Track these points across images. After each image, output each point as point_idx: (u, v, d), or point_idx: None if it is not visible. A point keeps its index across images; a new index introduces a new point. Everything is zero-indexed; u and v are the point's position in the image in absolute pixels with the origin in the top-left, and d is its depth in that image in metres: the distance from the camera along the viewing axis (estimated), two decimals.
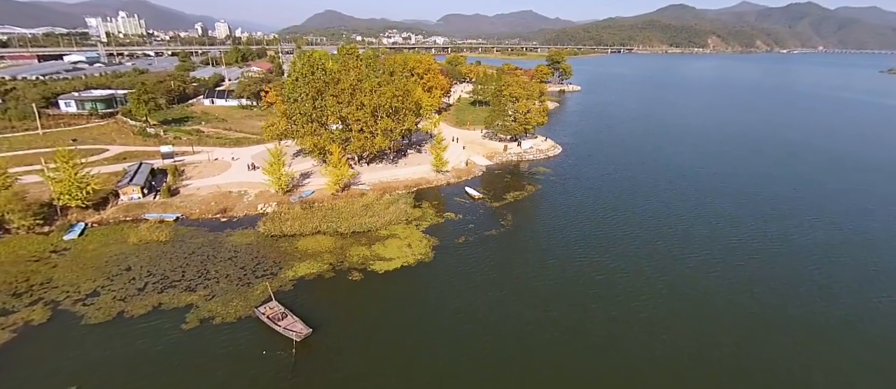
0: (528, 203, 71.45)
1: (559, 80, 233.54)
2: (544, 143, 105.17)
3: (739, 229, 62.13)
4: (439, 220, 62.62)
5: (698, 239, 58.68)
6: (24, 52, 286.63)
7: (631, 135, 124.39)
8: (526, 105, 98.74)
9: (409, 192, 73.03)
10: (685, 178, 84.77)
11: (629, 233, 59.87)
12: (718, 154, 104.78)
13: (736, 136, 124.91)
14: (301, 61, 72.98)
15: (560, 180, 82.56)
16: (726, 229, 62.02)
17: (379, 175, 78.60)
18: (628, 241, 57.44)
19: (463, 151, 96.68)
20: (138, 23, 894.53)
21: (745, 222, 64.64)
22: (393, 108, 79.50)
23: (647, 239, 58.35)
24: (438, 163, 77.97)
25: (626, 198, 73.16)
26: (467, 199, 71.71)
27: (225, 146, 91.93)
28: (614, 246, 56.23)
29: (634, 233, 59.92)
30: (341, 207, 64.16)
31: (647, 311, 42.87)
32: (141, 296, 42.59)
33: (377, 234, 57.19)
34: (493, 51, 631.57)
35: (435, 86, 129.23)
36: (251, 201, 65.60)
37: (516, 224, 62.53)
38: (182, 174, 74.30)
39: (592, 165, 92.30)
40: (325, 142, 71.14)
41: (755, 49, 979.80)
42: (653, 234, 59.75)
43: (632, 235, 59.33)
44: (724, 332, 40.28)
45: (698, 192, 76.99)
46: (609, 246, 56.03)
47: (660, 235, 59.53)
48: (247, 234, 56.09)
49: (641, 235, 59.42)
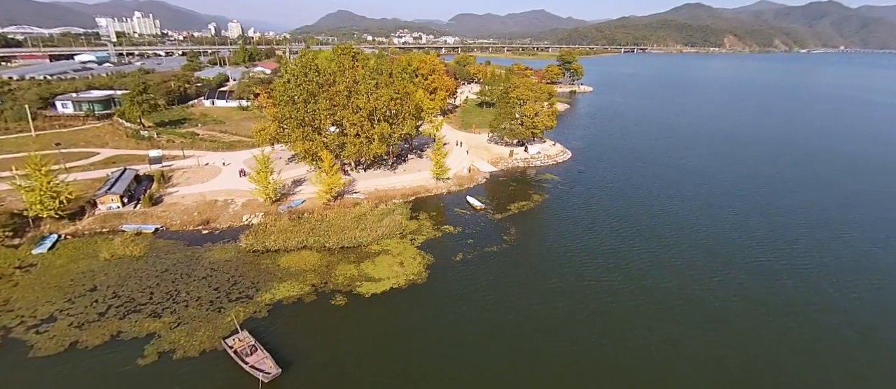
0: (534, 214, 66.42)
1: (570, 81, 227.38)
2: (553, 148, 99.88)
3: (768, 246, 56.39)
4: (436, 234, 57.95)
5: (723, 257, 53.15)
6: (35, 51, 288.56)
7: (644, 138, 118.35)
8: (533, 108, 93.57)
9: (407, 202, 68.54)
10: (703, 188, 78.86)
11: (643, 250, 54.52)
12: (738, 161, 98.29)
13: (756, 141, 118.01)
14: (293, 62, 68.84)
15: (568, 189, 77.33)
16: (752, 246, 56.31)
17: (375, 182, 74.23)
18: (642, 259, 52.13)
19: (466, 156, 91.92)
20: (153, 23, 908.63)
21: (774, 239, 58.80)
22: (391, 112, 75.12)
23: (664, 257, 52.97)
24: (438, 171, 73.33)
25: (640, 210, 67.71)
26: (468, 210, 66.96)
27: (218, 150, 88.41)
28: (626, 264, 51.00)
29: (648, 250, 54.56)
30: (332, 218, 59.86)
31: (663, 352, 37.72)
32: (100, 323, 38.62)
33: (368, 250, 52.71)
34: (504, 50, 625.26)
35: (440, 88, 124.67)
36: (237, 211, 61.63)
37: (520, 238, 57.56)
38: (168, 180, 70.75)
39: (603, 172, 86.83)
40: (317, 148, 66.94)
41: (773, 49, 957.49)
42: (669, 252, 54.33)
43: (646, 253, 53.99)
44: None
45: (718, 204, 71.15)
46: (620, 265, 50.82)
47: (678, 253, 54.11)
48: (227, 249, 52.01)
49: (656, 253, 54.04)
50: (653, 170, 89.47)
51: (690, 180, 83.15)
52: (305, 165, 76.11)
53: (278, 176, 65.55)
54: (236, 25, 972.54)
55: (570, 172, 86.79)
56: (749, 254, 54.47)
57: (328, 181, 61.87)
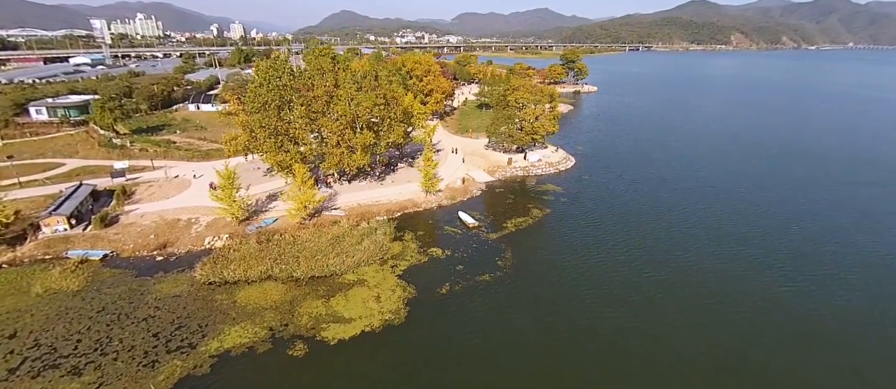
0: (533, 234, 59.48)
1: (574, 81, 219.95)
2: (555, 155, 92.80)
3: (798, 273, 49.24)
4: (422, 259, 51.21)
5: (744, 282, 46.08)
6: (30, 54, 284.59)
7: (653, 142, 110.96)
8: (534, 112, 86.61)
9: (392, 219, 61.81)
10: (718, 198, 71.53)
11: (655, 278, 47.53)
12: (757, 167, 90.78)
13: (772, 143, 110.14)
14: (264, 64, 62.32)
15: (571, 202, 70.32)
16: (779, 271, 49.18)
17: (359, 196, 67.54)
18: (655, 292, 45.13)
19: (462, 165, 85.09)
20: (155, 25, 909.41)
21: (804, 262, 51.63)
22: (376, 118, 68.46)
23: (680, 289, 45.94)
24: (428, 184, 66.53)
25: (652, 228, 60.56)
26: (460, 228, 60.16)
27: (193, 160, 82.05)
28: (635, 296, 44.03)
29: (662, 278, 47.54)
30: (305, 240, 53.26)
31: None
32: (7, 385, 32.17)
33: (342, 281, 46.05)
34: (507, 49, 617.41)
35: (435, 90, 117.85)
36: (200, 232, 55.15)
37: (516, 264, 50.66)
38: (130, 196, 64.40)
39: (610, 182, 79.69)
40: (291, 160, 60.36)
41: (781, 46, 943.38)
42: (687, 281, 47.29)
43: (658, 281, 46.99)
44: None
45: (735, 215, 63.92)
46: (627, 297, 43.88)
47: (697, 282, 47.07)
48: (179, 281, 45.48)
49: (670, 280, 47.03)
50: (664, 178, 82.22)
51: (706, 191, 75.80)
52: (284, 178, 69.61)
53: (248, 191, 59.00)
54: (238, 26, 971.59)
55: (574, 182, 79.73)
56: (783, 287, 47.31)
57: (301, 198, 55.26)
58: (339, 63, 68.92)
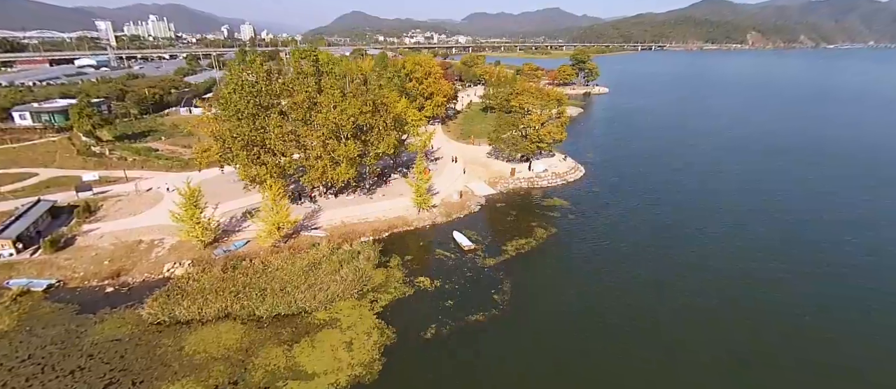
0: (535, 258, 52.67)
1: (584, 82, 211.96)
2: (562, 164, 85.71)
3: (846, 315, 41.88)
4: (407, 291, 44.74)
5: (797, 340, 38.87)
6: (36, 56, 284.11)
7: (669, 149, 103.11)
8: (539, 118, 79.63)
9: (378, 239, 55.49)
10: (746, 215, 63.94)
11: (678, 319, 40.49)
12: (790, 177, 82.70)
13: (798, 150, 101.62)
14: (237, 67, 56.39)
15: (580, 218, 63.35)
16: (839, 325, 41.85)
17: (344, 212, 61.27)
18: (677, 334, 38.11)
19: (461, 176, 78.46)
20: (167, 26, 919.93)
21: (847, 303, 44.22)
22: (362, 127, 62.20)
23: (707, 326, 38.86)
24: (420, 200, 60.01)
25: (674, 252, 53.40)
26: (454, 251, 53.60)
27: (172, 170, 76.48)
28: (653, 345, 37.05)
29: (686, 319, 40.48)
30: (276, 268, 47.15)
31: None
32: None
33: (310, 320, 39.76)
34: (516, 49, 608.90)
35: (436, 93, 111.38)
36: (161, 257, 49.32)
37: (515, 299, 43.93)
38: (94, 213, 58.85)
39: (623, 195, 72.45)
40: (266, 174, 54.34)
41: (799, 44, 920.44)
42: (713, 321, 40.18)
43: (683, 321, 39.94)
44: None
45: (766, 240, 56.40)
46: (643, 343, 36.90)
47: (725, 321, 39.92)
48: (125, 320, 39.52)
49: (696, 321, 39.95)
50: (684, 191, 74.78)
51: (730, 205, 68.17)
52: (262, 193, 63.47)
53: (215, 210, 52.98)
54: (249, 27, 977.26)
55: (583, 196, 72.64)
56: (854, 355, 39.97)
57: (274, 219, 49.11)
58: (324, 65, 62.68)
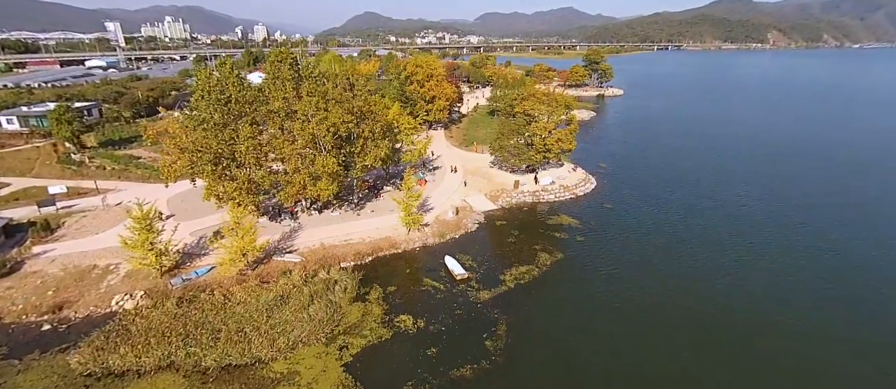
0: (537, 291, 45.94)
1: (597, 83, 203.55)
2: (571, 175, 78.65)
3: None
4: (384, 334, 38.47)
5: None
6: (47, 57, 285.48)
7: (688, 158, 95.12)
8: (546, 125, 72.79)
9: (360, 265, 49.49)
10: (790, 231, 56.25)
11: (710, 373, 33.51)
12: (831, 189, 74.44)
13: (831, 159, 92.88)
14: (204, 73, 50.75)
15: (590, 240, 56.39)
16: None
17: (326, 232, 55.25)
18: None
19: (461, 188, 72.02)
20: (182, 27, 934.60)
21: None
22: (349, 136, 56.20)
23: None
24: (408, 220, 53.69)
25: (697, 284, 46.23)
26: (445, 281, 47.22)
27: (149, 180, 71.63)
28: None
29: (720, 378, 33.48)
30: (238, 302, 41.33)
31: None
32: None
33: (266, 374, 33.75)
34: (529, 49, 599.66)
35: (438, 96, 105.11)
36: (112, 286, 43.85)
37: (511, 346, 37.34)
38: (54, 231, 53.84)
39: (639, 211, 65.24)
40: (234, 191, 48.65)
41: (822, 44, 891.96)
42: (753, 369, 33.10)
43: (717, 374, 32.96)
44: None
45: (811, 272, 48.81)
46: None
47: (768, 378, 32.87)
48: (52, 369, 33.96)
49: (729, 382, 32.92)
50: (708, 207, 67.14)
51: (769, 223, 60.51)
52: (261, 217, 57.59)
53: (174, 234, 47.30)
54: (262, 28, 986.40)
55: (594, 212, 65.59)
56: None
57: (238, 245, 43.27)
58: (304, 69, 56.88)
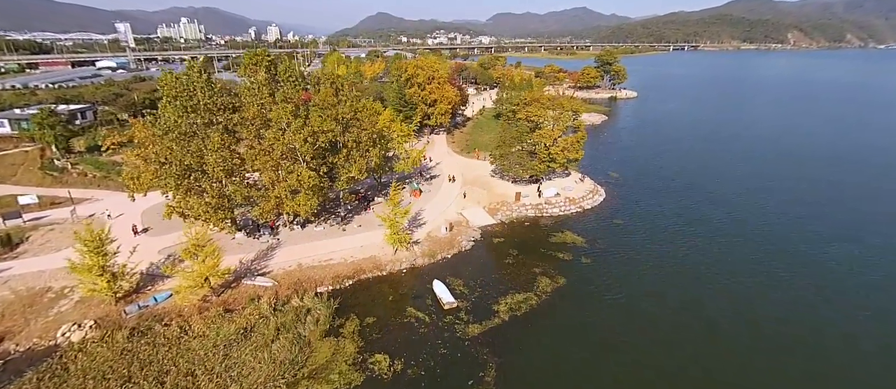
0: (535, 326, 40.55)
1: (610, 85, 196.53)
2: (578, 186, 72.97)
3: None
4: (354, 380, 33.47)
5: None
6: (58, 58, 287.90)
7: (706, 165, 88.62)
8: (551, 133, 67.28)
9: (338, 290, 44.71)
10: (816, 260, 50.01)
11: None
12: (869, 204, 67.60)
13: (868, 166, 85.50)
14: (169, 76, 46.38)
15: (596, 263, 50.78)
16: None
17: (304, 251, 50.57)
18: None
19: (457, 200, 66.94)
20: (198, 28, 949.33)
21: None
22: (333, 145, 51.53)
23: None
24: (394, 239, 48.74)
25: (721, 316, 40.43)
26: (431, 310, 42.18)
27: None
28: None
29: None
30: (196, 334, 36.80)
31: None
32: None
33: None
34: (541, 50, 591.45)
35: (439, 99, 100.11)
36: (62, 314, 39.66)
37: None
38: (14, 247, 50.11)
39: (650, 228, 59.31)
40: (201, 208, 44.30)
41: (845, 44, 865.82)
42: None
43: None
44: None
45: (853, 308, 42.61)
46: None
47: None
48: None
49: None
50: (729, 223, 60.91)
51: (802, 243, 54.25)
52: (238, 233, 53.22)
53: (132, 254, 42.94)
54: (275, 29, 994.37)
55: (602, 229, 59.90)
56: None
57: (198, 271, 38.73)
58: (282, 72, 52.38)
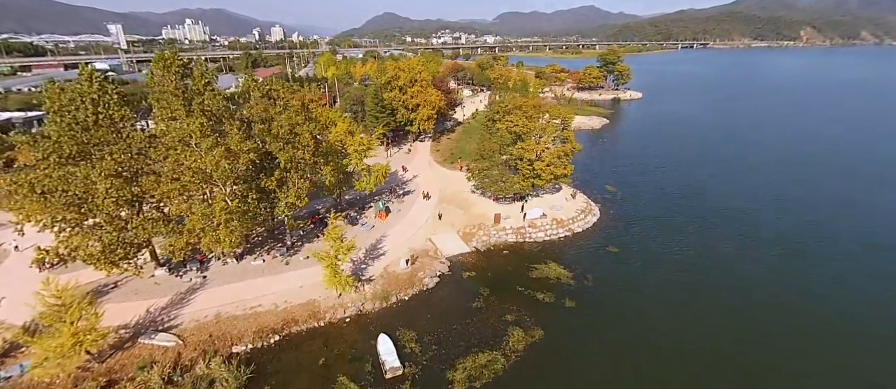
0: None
1: (613, 86, 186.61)
2: (569, 204, 63.93)
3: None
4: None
5: None
6: (51, 61, 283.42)
7: (716, 176, 78.95)
8: (537, 146, 58.33)
9: (261, 347, 36.27)
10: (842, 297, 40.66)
11: None
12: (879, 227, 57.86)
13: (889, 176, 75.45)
14: (53, 88, 38.11)
15: (584, 307, 41.80)
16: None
17: (231, 292, 41.99)
18: None
19: (432, 222, 58.31)
20: (202, 29, 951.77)
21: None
22: (257, 167, 43.11)
23: None
24: (334, 282, 40.10)
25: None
26: (369, 378, 33.60)
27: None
28: None
29: None
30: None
31: None
32: None
33: None
34: (546, 49, 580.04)
35: (423, 104, 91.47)
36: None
37: None
38: None
39: (652, 260, 50.12)
40: (92, 251, 36.09)
41: (860, 41, 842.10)
42: None
43: None
44: None
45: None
46: None
47: None
48: None
49: None
50: (742, 246, 51.53)
51: (820, 289, 44.89)
52: (158, 269, 44.98)
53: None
54: (279, 30, 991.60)
55: (594, 259, 50.88)
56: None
57: (68, 332, 30.34)
58: (197, 79, 44.12)
